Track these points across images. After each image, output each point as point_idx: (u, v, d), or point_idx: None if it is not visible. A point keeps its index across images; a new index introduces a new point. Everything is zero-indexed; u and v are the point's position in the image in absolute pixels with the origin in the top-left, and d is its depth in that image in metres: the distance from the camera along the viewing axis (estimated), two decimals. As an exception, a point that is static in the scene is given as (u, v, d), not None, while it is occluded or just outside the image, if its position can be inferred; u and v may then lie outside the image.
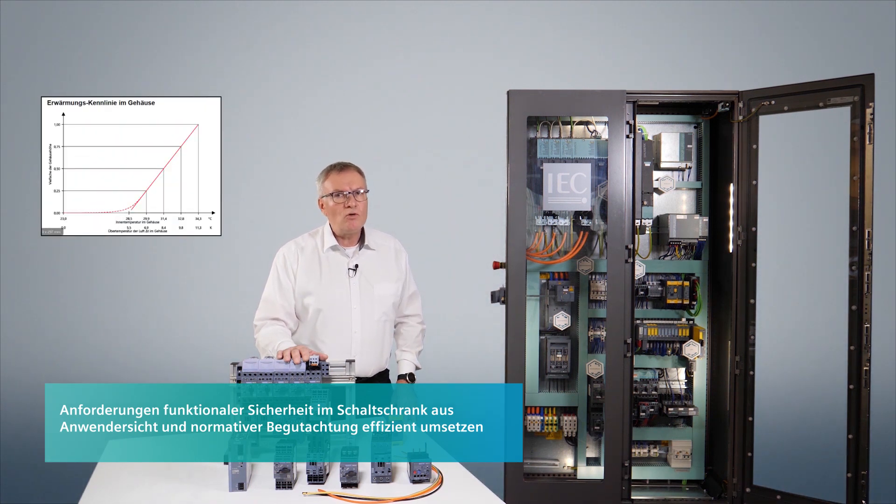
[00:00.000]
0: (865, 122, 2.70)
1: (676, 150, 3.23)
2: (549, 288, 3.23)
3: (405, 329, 2.82)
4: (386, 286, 2.66)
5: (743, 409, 3.02)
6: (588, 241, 3.23)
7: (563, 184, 3.09)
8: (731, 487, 3.04)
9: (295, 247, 2.66)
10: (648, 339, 3.20)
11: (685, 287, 3.19)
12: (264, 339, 2.53)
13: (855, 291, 2.75)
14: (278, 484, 1.89)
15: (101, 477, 2.01)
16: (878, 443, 2.98)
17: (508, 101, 2.93)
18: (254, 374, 2.12)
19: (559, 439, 3.30)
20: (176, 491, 1.89)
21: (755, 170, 3.01)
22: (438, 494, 1.87)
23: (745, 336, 3.02)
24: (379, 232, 2.78)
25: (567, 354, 3.23)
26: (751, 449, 3.02)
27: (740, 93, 3.03)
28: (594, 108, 2.98)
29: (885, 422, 4.49)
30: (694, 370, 3.26)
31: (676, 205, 3.31)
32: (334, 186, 2.58)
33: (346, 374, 2.20)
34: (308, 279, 2.60)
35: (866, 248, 2.71)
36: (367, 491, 1.88)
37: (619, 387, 2.92)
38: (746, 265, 3.02)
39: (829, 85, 2.82)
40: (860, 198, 2.72)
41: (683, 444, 3.25)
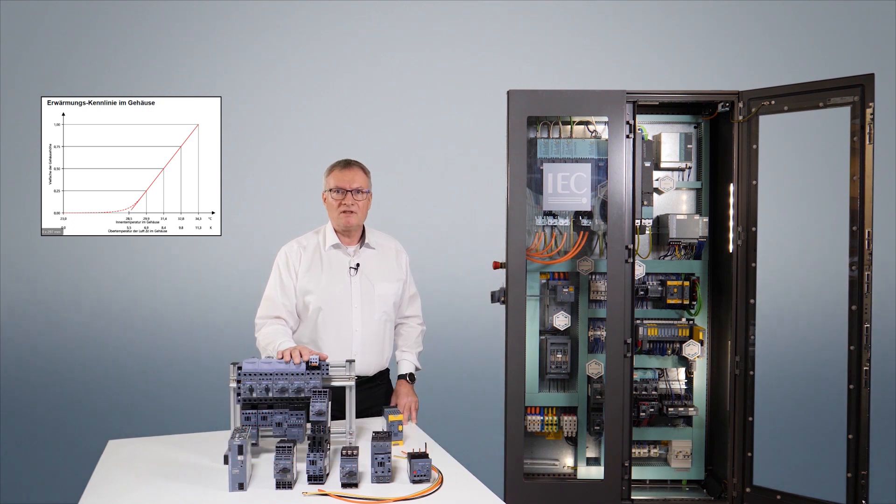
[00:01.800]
0: (865, 122, 2.70)
1: (676, 150, 3.23)
2: (549, 288, 3.23)
3: (405, 330, 2.83)
4: (386, 286, 2.67)
5: (743, 409, 3.02)
6: (588, 241, 3.23)
7: (563, 184, 3.09)
8: (731, 487, 3.04)
9: (297, 245, 2.66)
10: (648, 339, 3.20)
11: (685, 287, 3.19)
12: (265, 339, 2.53)
13: (855, 291, 2.75)
14: (278, 484, 1.89)
15: (101, 477, 2.01)
16: (878, 443, 2.98)
17: (508, 101, 2.93)
18: (254, 374, 2.12)
19: (559, 439, 3.30)
20: (176, 491, 1.88)
21: (755, 170, 3.01)
22: (438, 494, 1.87)
23: (745, 336, 3.02)
24: (379, 232, 2.79)
25: (567, 354, 3.23)
26: (751, 449, 3.02)
27: (740, 93, 3.02)
28: (594, 108, 2.97)
29: (885, 422, 4.49)
30: (694, 370, 3.26)
31: (676, 205, 3.31)
32: (336, 182, 2.60)
33: (346, 374, 2.20)
34: (309, 277, 2.60)
35: (866, 248, 2.71)
36: (367, 491, 1.88)
37: (619, 387, 2.92)
38: (746, 265, 3.02)
39: (829, 85, 2.81)
40: (860, 198, 2.72)
41: (683, 444, 3.25)
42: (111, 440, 2.32)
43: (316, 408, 2.06)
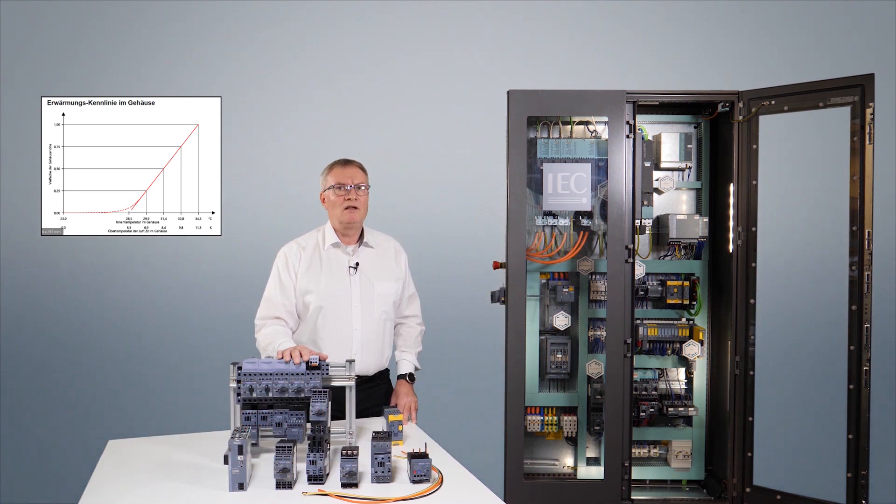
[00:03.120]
0: (865, 122, 2.70)
1: (676, 150, 3.23)
2: (549, 288, 3.23)
3: (404, 330, 2.83)
4: (386, 285, 2.67)
5: (743, 409, 3.02)
6: (588, 241, 3.23)
7: (563, 184, 3.09)
8: (731, 487, 3.04)
9: (296, 246, 2.67)
10: (648, 339, 3.20)
11: (685, 287, 3.19)
12: (265, 339, 2.53)
13: (855, 291, 2.75)
14: (278, 484, 1.88)
15: (101, 477, 2.01)
16: (878, 443, 2.98)
17: (508, 101, 2.93)
18: (254, 374, 2.12)
19: (559, 439, 3.30)
20: (176, 491, 1.88)
21: (755, 170, 3.01)
22: (438, 494, 1.87)
23: (745, 336, 3.02)
24: (378, 232, 2.79)
25: (567, 354, 3.23)
26: (751, 449, 3.02)
27: (740, 93, 3.03)
28: (594, 108, 2.97)
29: (885, 422, 4.49)
30: (694, 370, 3.26)
31: (676, 205, 3.31)
32: (336, 179, 2.60)
33: (346, 374, 2.20)
34: (309, 277, 2.61)
35: (866, 248, 2.71)
36: (367, 491, 1.88)
37: (619, 387, 2.92)
38: (746, 265, 3.02)
39: (829, 85, 2.81)
40: (860, 198, 2.72)
41: (683, 444, 3.25)
42: (111, 440, 2.32)
43: (316, 408, 2.06)
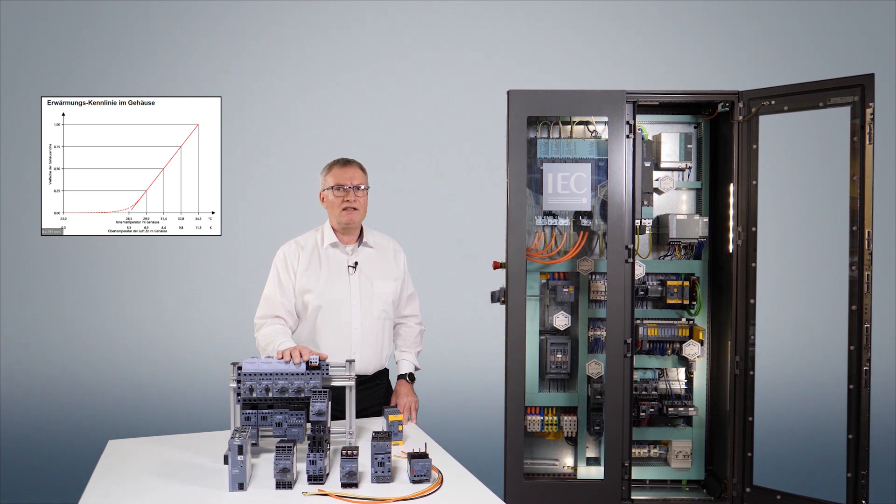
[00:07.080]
0: (865, 122, 2.70)
1: (676, 150, 3.23)
2: (549, 288, 3.23)
3: (404, 330, 2.83)
4: (385, 284, 2.67)
5: (743, 409, 3.02)
6: (588, 241, 3.23)
7: (563, 184, 3.09)
8: (731, 487, 3.04)
9: (295, 245, 2.67)
10: (648, 339, 3.20)
11: (685, 287, 3.19)
12: (264, 339, 2.53)
13: (855, 291, 2.75)
14: (278, 484, 1.88)
15: (101, 477, 2.01)
16: (878, 443, 2.98)
17: (508, 101, 2.93)
18: (254, 374, 2.12)
19: (559, 439, 3.30)
20: (176, 491, 1.88)
21: (755, 170, 3.01)
22: (438, 494, 1.87)
23: (745, 336, 3.02)
24: (377, 232, 2.79)
25: (567, 354, 3.23)
26: (751, 449, 3.02)
27: (740, 93, 3.02)
28: (594, 108, 2.97)
29: (885, 422, 4.50)
30: (694, 370, 3.26)
31: (676, 205, 3.31)
32: (335, 180, 2.60)
33: (346, 373, 2.20)
34: (308, 276, 2.60)
35: (866, 248, 2.71)
36: (367, 491, 1.88)
37: (619, 387, 2.92)
38: (746, 265, 3.02)
39: (829, 85, 2.81)
40: (860, 198, 2.72)
41: (683, 444, 3.25)
42: (111, 440, 2.32)
43: (316, 408, 2.06)
